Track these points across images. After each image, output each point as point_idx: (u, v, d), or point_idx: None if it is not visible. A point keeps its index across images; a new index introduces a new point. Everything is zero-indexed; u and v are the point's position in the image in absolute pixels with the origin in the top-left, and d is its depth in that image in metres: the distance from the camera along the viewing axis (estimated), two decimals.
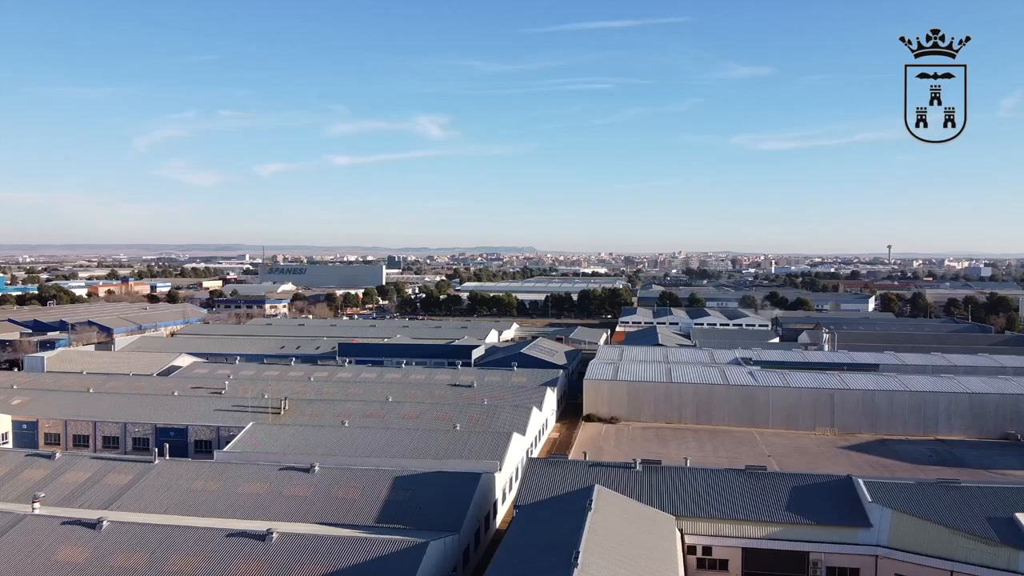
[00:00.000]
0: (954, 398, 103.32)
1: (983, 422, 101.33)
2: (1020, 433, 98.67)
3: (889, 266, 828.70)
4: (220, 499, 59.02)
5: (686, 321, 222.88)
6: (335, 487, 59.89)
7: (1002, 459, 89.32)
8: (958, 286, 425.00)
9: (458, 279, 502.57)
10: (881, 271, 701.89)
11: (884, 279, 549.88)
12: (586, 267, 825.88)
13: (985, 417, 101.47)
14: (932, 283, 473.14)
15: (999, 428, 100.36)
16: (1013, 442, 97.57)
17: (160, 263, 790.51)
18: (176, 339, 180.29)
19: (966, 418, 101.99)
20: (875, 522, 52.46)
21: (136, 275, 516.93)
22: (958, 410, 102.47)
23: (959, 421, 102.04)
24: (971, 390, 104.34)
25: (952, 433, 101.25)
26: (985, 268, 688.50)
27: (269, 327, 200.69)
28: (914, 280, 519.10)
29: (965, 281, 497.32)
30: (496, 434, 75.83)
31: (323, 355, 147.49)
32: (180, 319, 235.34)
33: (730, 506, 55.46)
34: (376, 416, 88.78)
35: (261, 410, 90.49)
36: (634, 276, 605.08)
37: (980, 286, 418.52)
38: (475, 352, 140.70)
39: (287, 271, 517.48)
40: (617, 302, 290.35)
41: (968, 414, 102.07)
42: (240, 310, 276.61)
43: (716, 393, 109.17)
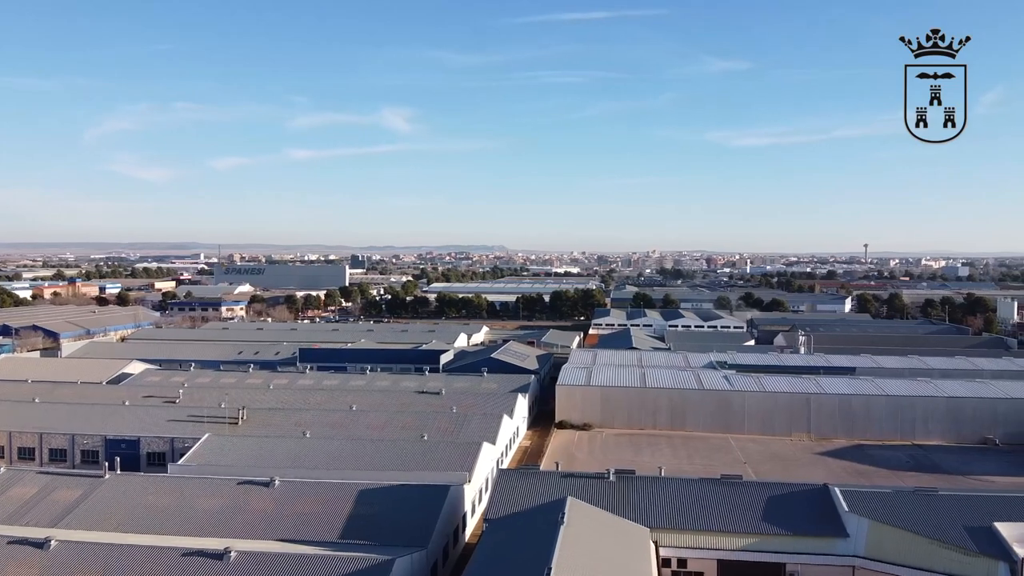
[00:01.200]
0: (931, 402, 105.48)
1: (960, 427, 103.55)
2: (997, 438, 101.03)
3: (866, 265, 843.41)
4: (175, 515, 58.13)
5: (660, 323, 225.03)
6: (296, 502, 59.36)
7: (980, 464, 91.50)
8: (935, 286, 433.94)
9: (425, 279, 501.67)
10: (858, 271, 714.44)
11: (861, 279, 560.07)
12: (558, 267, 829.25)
13: (962, 422, 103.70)
14: (909, 283, 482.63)
15: (976, 433, 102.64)
16: (991, 447, 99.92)
17: (110, 263, 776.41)
18: (127, 344, 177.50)
19: (943, 423, 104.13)
20: (852, 532, 53.39)
21: (84, 276, 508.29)
22: (935, 415, 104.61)
23: (936, 426, 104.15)
24: (948, 394, 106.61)
25: (929, 438, 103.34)
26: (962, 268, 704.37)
27: (226, 331, 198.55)
28: (891, 280, 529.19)
29: (942, 281, 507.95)
30: (465, 444, 75.76)
31: (283, 361, 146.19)
32: (131, 323, 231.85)
33: (705, 517, 56.04)
34: (339, 426, 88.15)
35: (218, 420, 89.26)
36: (607, 276, 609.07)
37: (957, 286, 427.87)
38: (443, 357, 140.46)
39: (245, 271, 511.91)
40: (590, 303, 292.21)
41: (945, 419, 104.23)
42: (195, 313, 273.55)
43: (691, 398, 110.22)
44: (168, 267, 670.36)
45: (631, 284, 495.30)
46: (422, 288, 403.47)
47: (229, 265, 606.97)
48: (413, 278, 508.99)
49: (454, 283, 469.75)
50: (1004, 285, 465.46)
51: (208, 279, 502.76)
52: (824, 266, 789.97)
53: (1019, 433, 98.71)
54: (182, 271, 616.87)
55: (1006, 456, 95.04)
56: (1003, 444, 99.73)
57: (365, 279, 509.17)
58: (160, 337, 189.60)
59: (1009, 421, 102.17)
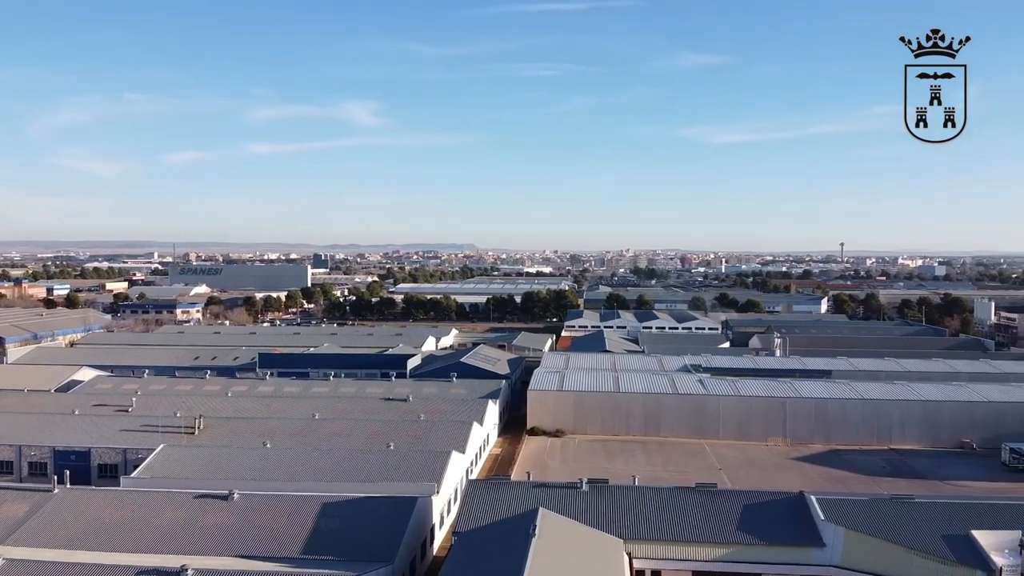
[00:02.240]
0: (908, 406, 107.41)
1: (937, 431, 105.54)
2: (975, 442, 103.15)
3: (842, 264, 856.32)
4: (128, 531, 57.45)
5: (634, 324, 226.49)
6: (256, 516, 58.91)
7: (957, 469, 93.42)
8: (912, 286, 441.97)
9: (392, 280, 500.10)
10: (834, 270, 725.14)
11: (837, 278, 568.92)
12: (530, 266, 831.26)
13: (939, 425, 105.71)
14: (885, 283, 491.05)
15: (953, 436, 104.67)
16: (968, 451, 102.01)
17: (58, 262, 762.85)
18: (76, 350, 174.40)
19: (920, 427, 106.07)
20: (828, 541, 54.27)
21: (30, 276, 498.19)
22: (912, 418, 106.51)
23: (913, 430, 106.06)
24: (925, 397, 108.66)
25: (906, 442, 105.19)
26: (939, 267, 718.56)
27: (181, 335, 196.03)
28: (867, 279, 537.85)
29: (919, 281, 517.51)
30: (433, 453, 75.72)
31: (242, 367, 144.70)
32: (81, 326, 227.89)
33: (680, 527, 56.60)
34: (302, 435, 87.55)
35: (173, 430, 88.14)
36: (580, 276, 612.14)
37: (934, 286, 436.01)
38: (411, 362, 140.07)
39: (201, 271, 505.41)
40: (563, 304, 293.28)
41: (922, 422, 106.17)
42: (148, 316, 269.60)
43: (665, 403, 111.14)
44: (120, 267, 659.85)
45: (604, 284, 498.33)
46: (388, 289, 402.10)
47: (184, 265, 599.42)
48: (379, 278, 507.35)
49: (422, 283, 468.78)
50: (981, 285, 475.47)
51: (162, 280, 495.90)
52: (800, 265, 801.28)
53: (996, 437, 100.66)
54: (135, 271, 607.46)
55: (983, 460, 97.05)
56: (980, 448, 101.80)
57: (328, 279, 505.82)
58: (112, 342, 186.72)
59: (986, 425, 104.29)
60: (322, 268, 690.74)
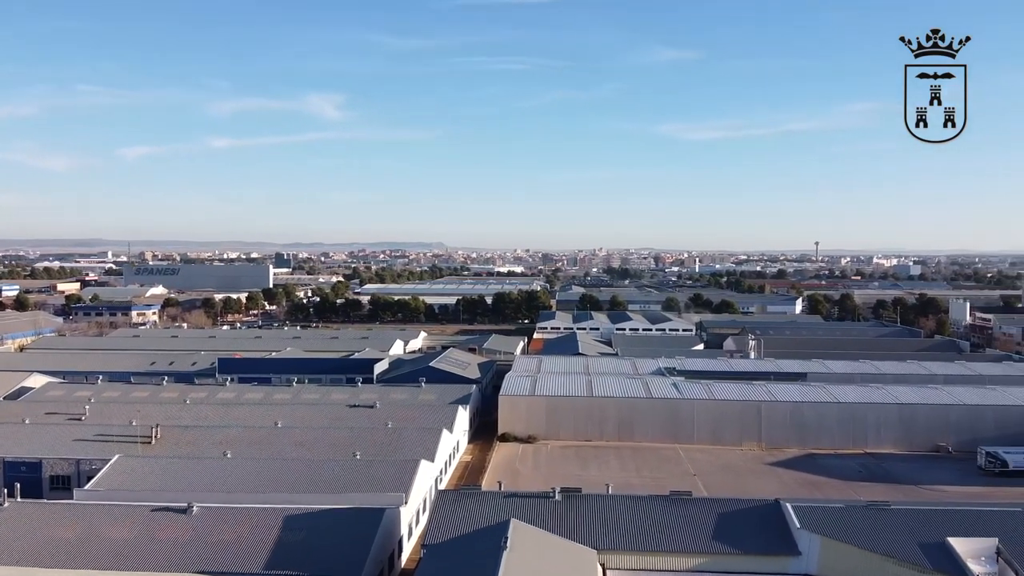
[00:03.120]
0: (883, 409, 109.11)
1: (913, 434, 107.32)
2: (950, 445, 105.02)
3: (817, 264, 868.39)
4: (82, 547, 56.49)
5: (608, 326, 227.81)
6: (216, 529, 58.22)
7: (932, 473, 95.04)
8: (887, 286, 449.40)
9: (357, 280, 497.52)
10: (808, 269, 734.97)
11: (811, 278, 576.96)
12: (501, 266, 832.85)
13: (915, 429, 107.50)
14: (860, 283, 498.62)
15: (929, 440, 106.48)
16: (943, 455, 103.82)
17: (6, 262, 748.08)
18: (26, 355, 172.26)
19: (895, 430, 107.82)
20: (804, 550, 54.92)
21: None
22: (888, 422, 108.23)
23: (888, 433, 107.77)
24: (900, 401, 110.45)
25: (882, 446, 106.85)
26: (914, 266, 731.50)
27: (137, 339, 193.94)
28: (842, 279, 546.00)
29: (894, 280, 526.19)
30: (401, 462, 75.46)
31: (200, 372, 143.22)
32: (30, 330, 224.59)
33: (654, 537, 56.92)
34: (263, 444, 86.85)
35: (129, 439, 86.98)
36: (553, 276, 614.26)
37: (909, 286, 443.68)
38: (377, 366, 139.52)
39: (157, 272, 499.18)
40: (535, 305, 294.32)
41: (898, 426, 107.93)
42: (102, 319, 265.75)
43: (639, 408, 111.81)
44: (72, 267, 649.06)
45: (577, 284, 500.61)
46: (354, 290, 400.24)
47: (140, 265, 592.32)
48: (344, 279, 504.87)
49: (389, 284, 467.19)
50: (956, 285, 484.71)
51: (117, 280, 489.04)
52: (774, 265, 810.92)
53: (972, 440, 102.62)
54: (87, 271, 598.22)
55: (959, 464, 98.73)
56: (956, 452, 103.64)
57: (291, 280, 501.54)
58: (63, 346, 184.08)
59: (962, 428, 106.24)
60: (284, 268, 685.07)
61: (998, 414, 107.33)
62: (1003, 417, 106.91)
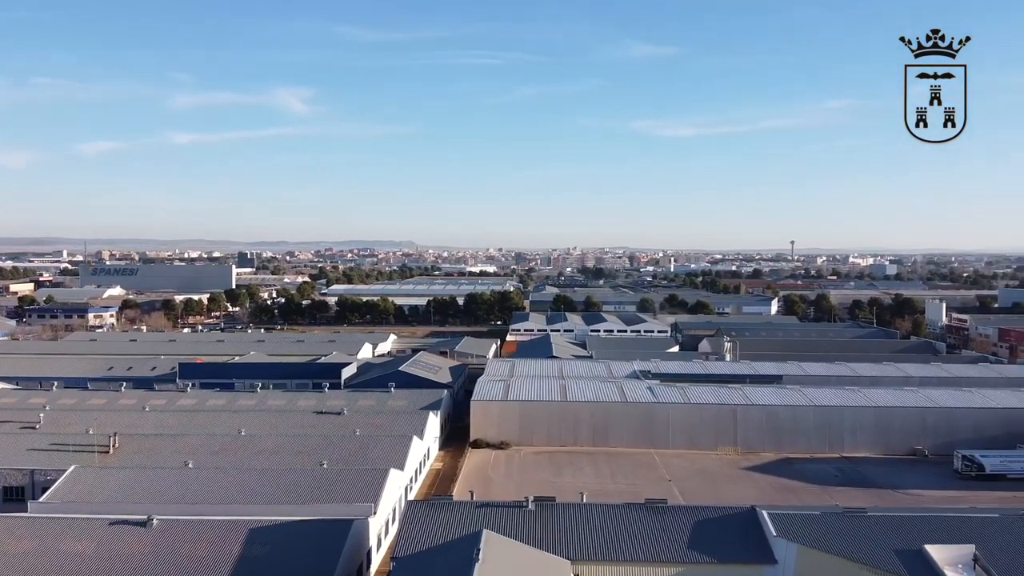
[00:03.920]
0: (859, 412, 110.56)
1: (889, 437, 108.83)
2: (926, 448, 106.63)
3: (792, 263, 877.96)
4: (36, 562, 55.79)
5: (582, 328, 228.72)
6: (178, 543, 57.64)
7: (908, 477, 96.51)
8: (863, 286, 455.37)
9: (324, 280, 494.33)
10: (784, 269, 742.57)
11: (787, 278, 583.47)
12: (473, 265, 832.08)
13: (891, 432, 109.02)
14: (836, 282, 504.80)
15: (905, 443, 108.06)
16: (920, 458, 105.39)
17: None
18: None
19: (872, 433, 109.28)
20: (780, 558, 55.42)
21: None
22: (864, 425, 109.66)
23: (865, 437, 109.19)
24: (876, 404, 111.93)
25: (858, 450, 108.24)
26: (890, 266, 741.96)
27: (94, 343, 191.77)
28: (818, 279, 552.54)
29: (870, 280, 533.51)
30: (370, 471, 75.19)
31: (160, 378, 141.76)
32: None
33: (629, 547, 57.17)
34: (226, 453, 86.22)
35: (85, 449, 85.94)
36: (526, 276, 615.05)
37: (885, 286, 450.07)
38: (345, 371, 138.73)
39: (115, 272, 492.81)
40: (507, 306, 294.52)
41: (874, 429, 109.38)
42: (57, 321, 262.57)
43: (614, 412, 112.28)
44: (25, 267, 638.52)
45: (551, 284, 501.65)
46: (320, 290, 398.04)
47: (97, 264, 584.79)
48: (310, 279, 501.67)
49: (357, 284, 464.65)
50: (932, 284, 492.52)
51: (72, 281, 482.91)
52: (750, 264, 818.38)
53: (948, 443, 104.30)
54: (42, 271, 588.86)
55: (935, 468, 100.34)
56: (932, 455, 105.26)
57: (255, 280, 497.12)
58: (16, 351, 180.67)
59: (938, 431, 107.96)
60: (248, 268, 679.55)
61: (974, 417, 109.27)
62: (979, 420, 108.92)
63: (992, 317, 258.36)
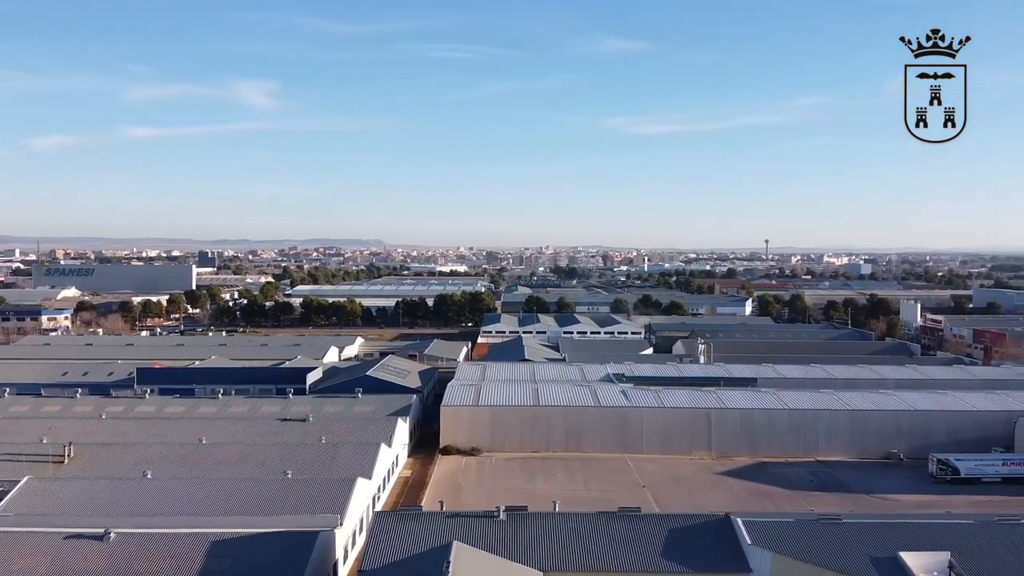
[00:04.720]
0: (834, 416, 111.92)
1: (864, 441, 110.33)
2: (902, 452, 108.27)
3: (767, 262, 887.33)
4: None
5: (555, 330, 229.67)
6: (136, 558, 57.08)
7: (884, 481, 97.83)
8: (838, 286, 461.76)
9: (288, 281, 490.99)
10: (758, 268, 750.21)
11: (761, 277, 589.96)
12: (443, 265, 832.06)
13: (866, 436, 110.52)
14: (811, 282, 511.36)
15: (880, 447, 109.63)
16: (895, 461, 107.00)
17: None
18: None
19: (847, 437, 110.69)
20: (755, 566, 56.06)
21: None
22: (838, 429, 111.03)
23: (840, 440, 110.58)
24: (851, 407, 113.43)
25: (833, 453, 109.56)
26: (865, 265, 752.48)
27: (47, 347, 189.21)
28: (792, 279, 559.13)
29: (845, 280, 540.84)
30: (336, 481, 74.87)
31: (118, 383, 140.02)
32: None
33: (602, 556, 57.52)
34: (187, 463, 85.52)
35: (39, 459, 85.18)
36: (497, 276, 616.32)
37: (860, 285, 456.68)
38: (310, 376, 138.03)
39: (70, 272, 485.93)
40: (479, 307, 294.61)
41: (849, 433, 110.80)
42: (8, 324, 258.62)
43: (587, 416, 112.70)
44: None
45: (523, 285, 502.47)
46: (284, 291, 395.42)
47: (51, 264, 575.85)
48: (273, 279, 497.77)
49: (323, 285, 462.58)
50: (907, 284, 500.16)
51: (25, 281, 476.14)
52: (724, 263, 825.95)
53: (923, 446, 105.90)
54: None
55: (910, 472, 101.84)
56: (907, 458, 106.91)
57: (216, 280, 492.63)
58: None
59: (913, 434, 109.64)
60: (209, 267, 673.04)
61: (949, 420, 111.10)
62: (954, 423, 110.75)
63: (967, 318, 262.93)
